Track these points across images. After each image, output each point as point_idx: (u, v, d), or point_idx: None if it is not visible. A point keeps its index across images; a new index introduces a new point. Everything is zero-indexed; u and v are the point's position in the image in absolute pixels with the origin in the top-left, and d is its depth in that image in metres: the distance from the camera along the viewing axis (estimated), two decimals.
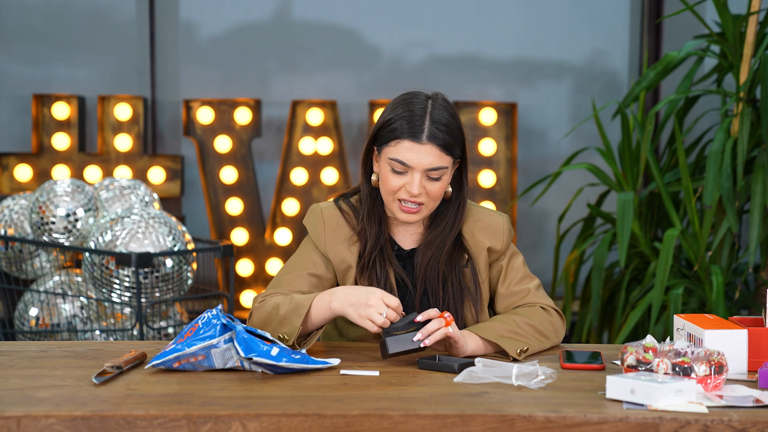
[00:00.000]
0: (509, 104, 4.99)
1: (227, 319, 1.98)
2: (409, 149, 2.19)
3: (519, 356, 2.14)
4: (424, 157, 2.19)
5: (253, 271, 4.99)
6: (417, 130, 2.19)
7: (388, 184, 2.22)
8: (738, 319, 2.16)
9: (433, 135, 2.19)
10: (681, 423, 1.67)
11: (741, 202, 3.78)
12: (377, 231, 2.28)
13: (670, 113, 4.09)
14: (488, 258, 2.33)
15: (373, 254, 2.26)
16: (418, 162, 2.19)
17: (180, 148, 5.11)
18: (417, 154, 2.19)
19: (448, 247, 2.28)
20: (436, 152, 2.19)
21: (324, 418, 1.68)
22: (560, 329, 2.29)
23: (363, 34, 5.14)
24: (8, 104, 5.05)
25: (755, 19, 3.76)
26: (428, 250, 2.29)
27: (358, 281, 2.26)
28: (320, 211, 2.33)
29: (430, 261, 2.28)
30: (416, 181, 2.20)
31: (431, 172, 2.20)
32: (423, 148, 2.19)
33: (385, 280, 2.26)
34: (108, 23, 5.08)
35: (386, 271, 2.26)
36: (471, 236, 2.32)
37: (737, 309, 3.99)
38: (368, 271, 2.26)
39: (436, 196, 2.23)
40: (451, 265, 2.29)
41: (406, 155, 2.19)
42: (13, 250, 3.68)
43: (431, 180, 2.21)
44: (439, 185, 2.22)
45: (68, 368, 2.00)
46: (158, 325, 3.62)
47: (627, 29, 5.15)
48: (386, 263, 2.27)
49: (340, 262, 2.29)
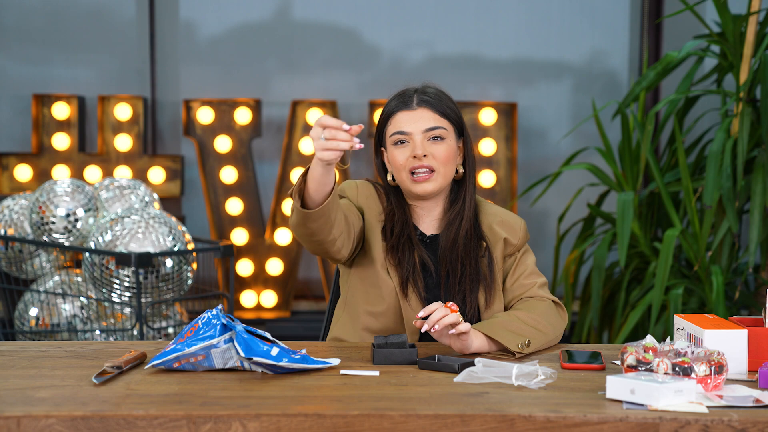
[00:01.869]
0: (509, 104, 5.00)
1: (227, 319, 1.98)
2: (404, 119, 2.32)
3: (521, 350, 2.15)
4: (418, 121, 2.31)
5: (253, 271, 4.99)
6: (408, 101, 2.34)
7: (396, 160, 2.32)
8: (738, 319, 2.16)
9: (423, 100, 2.33)
10: (681, 423, 1.67)
11: (741, 202, 3.79)
12: (404, 216, 2.36)
13: (670, 113, 4.09)
14: (504, 250, 2.39)
15: (402, 237, 2.33)
16: (414, 126, 2.31)
17: (180, 148, 5.11)
18: (411, 120, 2.31)
19: (467, 227, 2.35)
20: (429, 114, 2.32)
21: (324, 418, 1.68)
22: (562, 321, 2.34)
23: (363, 34, 5.14)
24: (8, 104, 5.06)
25: (755, 19, 3.76)
26: (450, 231, 2.35)
27: (386, 260, 2.32)
28: (355, 182, 2.42)
29: (453, 241, 2.34)
30: (418, 142, 2.30)
31: (430, 132, 2.31)
32: (416, 113, 2.32)
33: (413, 262, 2.31)
34: (108, 23, 5.09)
35: (414, 254, 2.32)
36: (489, 228, 2.39)
37: (737, 309, 3.99)
38: (398, 252, 2.32)
39: (443, 158, 2.31)
40: (468, 249, 2.34)
41: (402, 125, 2.32)
42: (13, 250, 3.68)
43: (434, 142, 2.31)
44: (444, 148, 2.31)
45: (68, 368, 2.00)
46: (158, 325, 3.62)
47: (627, 29, 5.16)
48: (414, 246, 2.33)
49: (370, 219, 2.36)
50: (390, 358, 2.05)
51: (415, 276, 2.31)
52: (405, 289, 2.30)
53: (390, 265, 2.32)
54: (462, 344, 2.14)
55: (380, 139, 2.38)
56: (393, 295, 2.31)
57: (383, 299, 2.32)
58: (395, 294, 2.31)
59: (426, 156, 2.29)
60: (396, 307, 2.31)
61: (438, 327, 2.07)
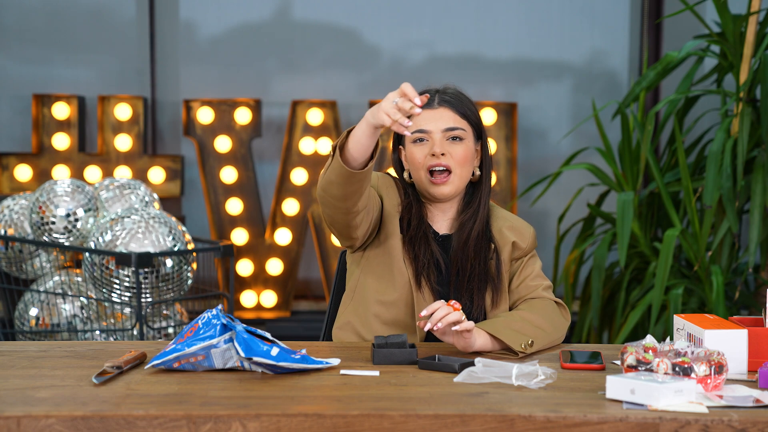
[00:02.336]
0: (509, 104, 4.99)
1: (227, 319, 1.98)
2: (424, 117, 2.34)
3: (524, 350, 2.16)
4: (439, 119, 2.33)
5: (253, 271, 4.99)
6: (430, 101, 2.36)
7: (414, 158, 2.34)
8: (738, 319, 2.16)
9: (444, 100, 2.36)
10: (681, 423, 1.67)
11: (741, 202, 3.79)
12: (419, 211, 2.38)
13: (670, 113, 4.09)
14: (512, 253, 2.41)
15: (419, 232, 2.35)
16: (435, 125, 2.33)
17: (180, 148, 5.11)
18: (432, 118, 2.34)
19: (479, 230, 2.37)
20: (450, 114, 2.34)
21: (324, 418, 1.68)
22: (565, 321, 2.36)
23: (363, 34, 5.14)
24: (8, 104, 5.05)
25: (755, 19, 3.76)
26: (462, 231, 2.37)
27: (403, 250, 2.34)
28: (375, 173, 2.42)
29: (465, 242, 2.36)
30: (437, 140, 2.32)
31: (450, 132, 2.33)
32: (437, 112, 2.34)
33: (430, 255, 2.33)
34: (108, 23, 5.08)
35: (430, 249, 2.34)
36: (498, 232, 2.41)
37: (737, 309, 3.99)
38: (415, 245, 2.33)
39: (461, 160, 2.33)
40: (478, 250, 2.36)
41: (422, 123, 2.34)
42: (13, 250, 3.68)
43: (453, 142, 2.33)
44: (462, 148, 2.33)
45: (68, 368, 2.00)
46: (158, 325, 3.62)
47: (627, 29, 5.15)
48: (429, 242, 2.35)
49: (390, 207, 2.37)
50: (390, 358, 2.05)
51: (429, 270, 2.32)
52: (419, 282, 2.32)
53: (406, 257, 2.33)
54: (465, 342, 2.14)
55: (398, 137, 2.41)
56: (407, 287, 2.32)
57: (395, 290, 2.33)
58: (409, 286, 2.32)
59: (444, 155, 2.31)
60: (407, 298, 2.32)
61: (441, 325, 2.07)
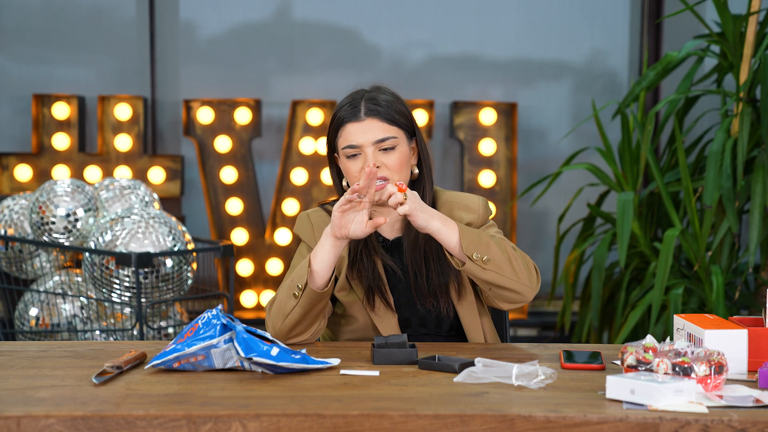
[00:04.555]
0: (509, 104, 4.99)
1: (227, 319, 1.98)
2: (353, 131, 2.29)
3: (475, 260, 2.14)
4: (368, 132, 2.28)
5: (253, 271, 4.99)
6: (356, 111, 2.30)
7: (350, 173, 2.30)
8: (738, 319, 2.16)
9: (370, 110, 2.29)
10: (681, 423, 1.67)
11: (741, 202, 3.79)
12: None
13: (670, 113, 4.09)
14: None
15: (358, 247, 2.32)
16: (364, 138, 2.27)
17: (180, 148, 5.11)
18: (361, 131, 2.28)
19: None
20: (378, 124, 2.28)
21: (324, 418, 1.68)
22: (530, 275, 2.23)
23: (363, 34, 5.14)
24: (8, 104, 5.05)
25: (755, 19, 3.76)
26: (411, 231, 2.33)
27: (348, 276, 2.32)
28: (307, 217, 2.39)
29: (415, 241, 2.32)
30: (369, 154, 2.27)
31: (381, 143, 2.28)
32: (364, 125, 2.28)
33: (373, 270, 2.30)
34: (108, 23, 5.08)
35: (373, 262, 2.31)
36: (450, 215, 2.33)
37: (737, 309, 3.99)
38: (357, 264, 2.31)
39: (396, 167, 2.28)
40: (431, 245, 2.31)
41: (352, 137, 2.28)
42: (13, 250, 3.68)
43: (386, 152, 2.28)
44: (396, 156, 2.28)
45: (68, 368, 2.00)
46: (158, 325, 3.62)
47: (627, 29, 5.15)
48: (373, 254, 2.32)
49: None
50: (390, 358, 2.05)
51: (379, 283, 2.30)
52: (371, 300, 2.30)
53: (352, 280, 2.32)
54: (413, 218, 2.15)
55: (332, 147, 2.36)
56: (363, 311, 2.32)
57: (356, 318, 2.34)
58: (364, 309, 2.32)
59: (379, 167, 2.26)
60: (370, 320, 2.32)
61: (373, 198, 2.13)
